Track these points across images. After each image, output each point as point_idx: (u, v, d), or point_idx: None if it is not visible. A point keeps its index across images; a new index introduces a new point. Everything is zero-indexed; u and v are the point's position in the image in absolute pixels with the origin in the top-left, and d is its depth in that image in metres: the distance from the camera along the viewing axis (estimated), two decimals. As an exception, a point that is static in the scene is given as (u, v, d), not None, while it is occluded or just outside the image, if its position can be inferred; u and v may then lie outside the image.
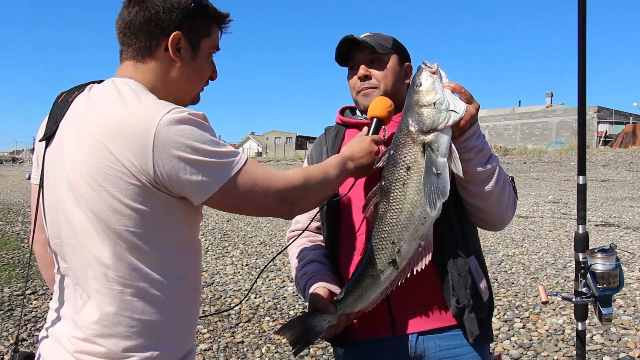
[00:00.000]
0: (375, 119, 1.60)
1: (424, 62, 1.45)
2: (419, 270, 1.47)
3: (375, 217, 1.49)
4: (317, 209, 1.70)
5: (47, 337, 1.28)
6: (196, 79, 1.35)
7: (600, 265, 1.72)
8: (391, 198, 1.44)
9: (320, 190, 1.36)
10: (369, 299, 1.51)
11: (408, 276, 1.49)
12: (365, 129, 1.60)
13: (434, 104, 1.39)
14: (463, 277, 1.52)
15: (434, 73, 1.42)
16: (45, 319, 1.36)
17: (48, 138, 1.28)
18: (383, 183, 1.47)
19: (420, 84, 1.42)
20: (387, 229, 1.46)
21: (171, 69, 1.30)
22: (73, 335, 1.19)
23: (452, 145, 1.42)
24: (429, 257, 1.47)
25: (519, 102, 52.32)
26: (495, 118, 45.69)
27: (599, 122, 39.20)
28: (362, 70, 1.66)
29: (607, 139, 37.80)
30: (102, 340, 1.16)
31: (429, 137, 1.40)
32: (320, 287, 1.58)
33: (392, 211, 1.44)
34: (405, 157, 1.43)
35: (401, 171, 1.43)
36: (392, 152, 1.46)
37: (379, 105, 1.60)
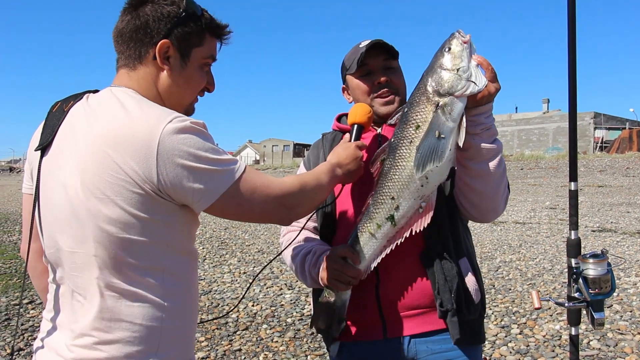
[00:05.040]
0: (356, 125, 1.63)
1: (458, 31, 1.45)
2: (418, 231, 1.49)
3: (380, 173, 1.52)
4: (315, 211, 1.72)
5: (42, 347, 1.28)
6: (187, 88, 1.35)
7: (592, 270, 1.74)
8: (397, 155, 1.47)
9: (315, 195, 1.40)
10: (368, 256, 1.53)
11: (407, 235, 1.50)
12: (347, 135, 1.63)
13: (457, 70, 1.40)
14: (449, 281, 1.54)
15: (465, 42, 1.43)
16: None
17: (44, 147, 1.28)
18: (392, 140, 1.49)
19: (449, 49, 1.43)
20: (389, 184, 1.48)
21: (160, 77, 1.31)
22: (72, 343, 1.19)
23: (464, 116, 1.43)
24: (428, 219, 1.48)
25: (516, 108, 52.36)
26: (492, 124, 45.75)
27: (595, 128, 39.36)
28: (384, 76, 1.66)
29: (603, 145, 37.92)
30: (103, 346, 1.17)
31: (444, 100, 1.41)
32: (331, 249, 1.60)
33: (396, 167, 1.47)
34: (416, 115, 1.44)
35: (410, 129, 1.45)
36: (405, 109, 1.48)
37: (359, 111, 1.63)
